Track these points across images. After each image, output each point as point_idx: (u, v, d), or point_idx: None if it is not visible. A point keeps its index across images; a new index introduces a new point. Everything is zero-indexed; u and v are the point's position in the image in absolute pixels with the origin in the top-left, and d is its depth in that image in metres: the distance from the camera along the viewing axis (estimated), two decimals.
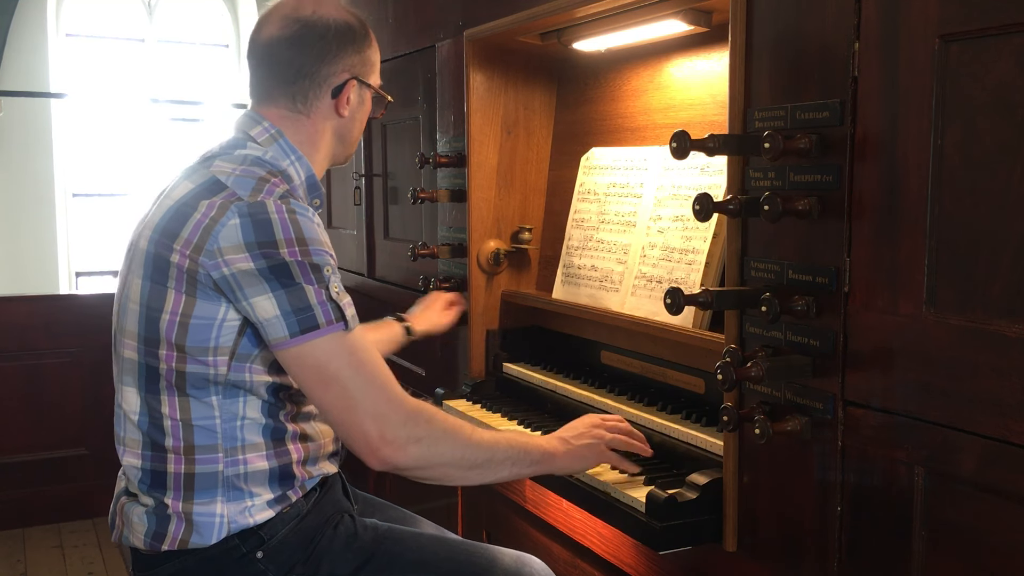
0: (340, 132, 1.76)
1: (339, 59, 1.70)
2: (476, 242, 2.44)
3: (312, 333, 1.47)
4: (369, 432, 1.49)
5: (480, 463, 1.59)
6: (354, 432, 1.50)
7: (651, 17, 1.90)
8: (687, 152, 1.40)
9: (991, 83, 1.13)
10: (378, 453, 1.50)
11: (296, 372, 1.51)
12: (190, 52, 9.27)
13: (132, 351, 1.58)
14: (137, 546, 1.61)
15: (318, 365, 1.48)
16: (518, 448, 1.64)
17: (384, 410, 1.50)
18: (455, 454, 1.56)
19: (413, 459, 1.52)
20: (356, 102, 1.75)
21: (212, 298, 1.50)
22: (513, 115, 2.46)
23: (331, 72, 1.70)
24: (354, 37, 1.71)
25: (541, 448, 1.67)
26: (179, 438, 1.56)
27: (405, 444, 1.50)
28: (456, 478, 1.61)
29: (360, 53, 1.73)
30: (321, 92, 1.70)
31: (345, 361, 1.49)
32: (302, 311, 1.47)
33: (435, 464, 1.55)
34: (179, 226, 1.51)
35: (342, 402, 1.49)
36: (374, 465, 1.51)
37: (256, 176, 1.55)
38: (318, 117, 1.71)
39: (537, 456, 1.66)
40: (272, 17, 1.70)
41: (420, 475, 1.57)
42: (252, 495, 1.58)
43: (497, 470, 1.61)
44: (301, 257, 1.48)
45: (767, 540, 1.50)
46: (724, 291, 1.47)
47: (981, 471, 1.16)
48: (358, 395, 1.49)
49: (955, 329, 1.18)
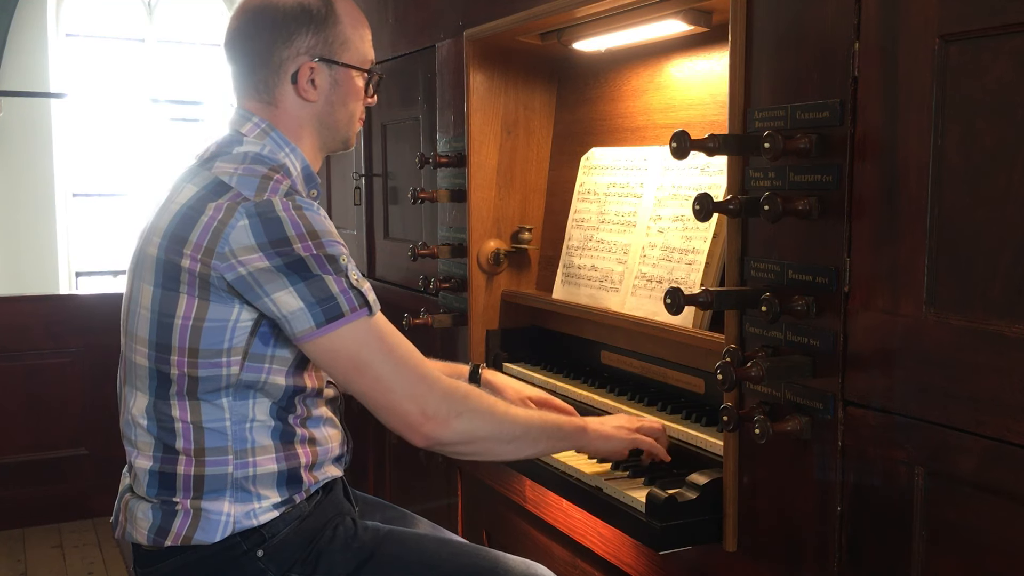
0: (321, 118, 1.70)
1: (292, 43, 1.64)
2: (476, 242, 2.44)
3: (338, 321, 1.48)
4: (409, 411, 1.51)
5: (518, 435, 1.62)
6: (395, 413, 1.52)
7: (651, 17, 1.90)
8: (687, 152, 1.40)
9: (991, 83, 1.13)
10: (421, 429, 1.52)
11: (327, 362, 1.52)
12: (190, 52, 9.26)
13: (143, 357, 1.58)
14: (140, 542, 1.62)
15: (349, 354, 1.50)
16: (551, 422, 1.68)
17: (421, 389, 1.52)
18: (494, 428, 1.59)
19: (457, 433, 1.55)
20: (327, 85, 1.68)
21: (225, 300, 1.51)
22: (513, 115, 2.46)
23: (285, 57, 1.65)
24: (310, 17, 1.65)
25: (573, 423, 1.72)
26: (190, 440, 1.57)
27: (447, 418, 1.53)
28: (496, 452, 1.64)
29: (320, 33, 1.66)
30: (280, 80, 1.66)
31: (376, 346, 1.51)
32: (325, 301, 1.48)
33: (477, 438, 1.58)
34: (188, 230, 1.51)
35: (379, 385, 1.51)
36: (418, 442, 1.54)
37: (259, 174, 1.55)
38: (288, 106, 1.67)
39: (569, 430, 1.70)
40: (234, 10, 1.70)
41: (463, 450, 1.60)
42: (260, 497, 1.59)
43: (534, 443, 1.65)
44: (316, 250, 1.49)
45: (767, 540, 1.50)
46: (724, 291, 1.47)
47: (981, 471, 1.16)
48: (393, 377, 1.51)
49: (955, 329, 1.18)
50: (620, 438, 1.72)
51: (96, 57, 8.86)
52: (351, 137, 1.78)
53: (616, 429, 1.73)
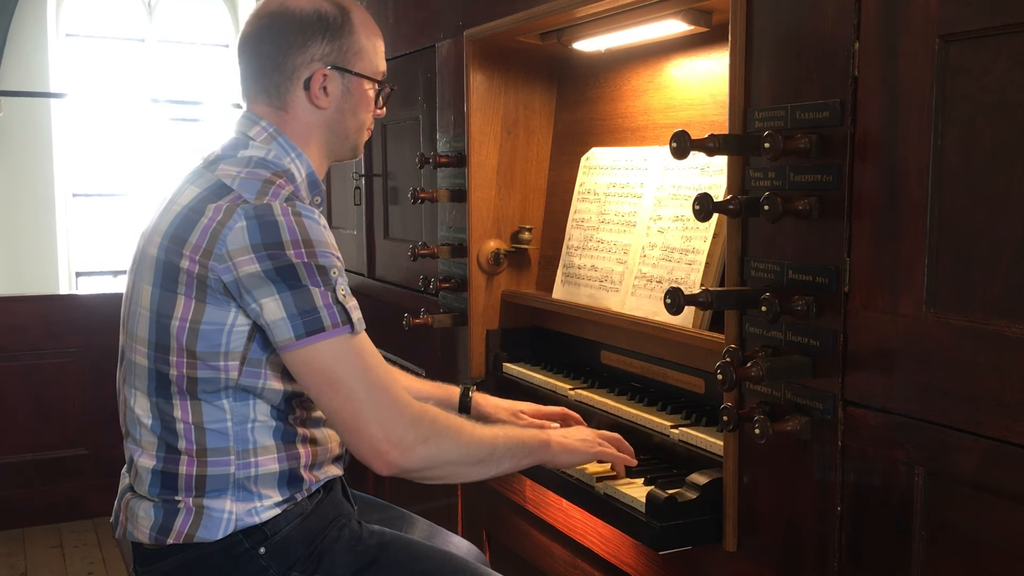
0: (331, 125, 1.71)
1: (307, 49, 1.65)
2: (476, 242, 2.44)
3: (318, 335, 1.47)
4: (375, 436, 1.49)
5: (483, 458, 1.61)
6: (361, 437, 1.50)
7: (651, 17, 1.90)
8: (687, 152, 1.40)
9: (991, 83, 1.13)
10: (386, 457, 1.50)
11: (302, 375, 1.51)
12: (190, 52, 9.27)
13: (143, 357, 1.58)
14: (141, 540, 1.62)
15: (324, 368, 1.49)
16: (515, 440, 1.67)
17: (389, 414, 1.50)
18: (459, 451, 1.58)
19: (421, 459, 1.53)
20: (339, 93, 1.69)
21: (222, 303, 1.51)
22: (513, 115, 2.46)
23: (299, 63, 1.65)
24: (326, 25, 1.66)
25: (537, 438, 1.71)
26: (192, 440, 1.57)
27: (412, 445, 1.51)
28: (461, 475, 1.63)
29: (336, 41, 1.67)
30: (292, 85, 1.67)
31: (352, 364, 1.50)
32: (308, 313, 1.47)
33: (442, 463, 1.56)
34: (187, 231, 1.51)
35: (349, 405, 1.49)
36: (381, 470, 1.51)
37: (261, 178, 1.55)
38: (298, 112, 1.68)
39: (533, 446, 1.69)
40: (250, 14, 1.71)
41: (428, 475, 1.57)
42: (261, 496, 1.59)
43: (499, 463, 1.63)
44: (307, 259, 1.48)
45: (767, 540, 1.50)
46: (724, 291, 1.47)
47: (981, 471, 1.16)
48: (363, 399, 1.49)
49: (955, 329, 1.18)
50: (584, 451, 1.73)
51: (96, 57, 8.86)
52: (359, 146, 1.79)
53: (580, 442, 1.73)
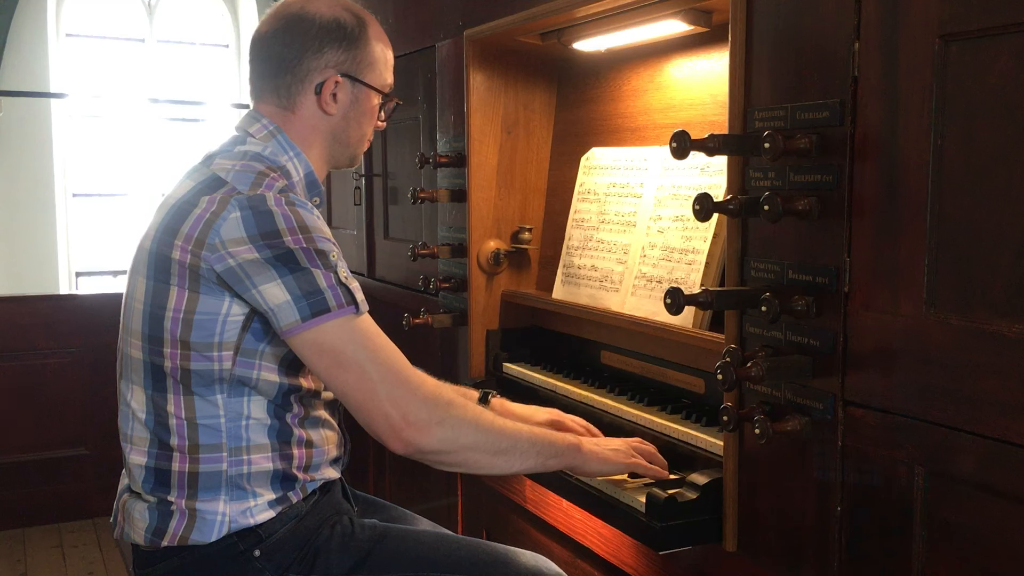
0: (335, 132, 1.73)
1: (323, 55, 1.67)
2: (476, 242, 2.44)
3: (323, 316, 1.47)
4: (390, 414, 1.48)
5: (505, 449, 1.57)
6: (375, 415, 1.49)
7: (651, 17, 1.90)
8: (687, 152, 1.40)
9: (991, 83, 1.13)
10: (401, 435, 1.49)
11: (310, 358, 1.51)
12: (190, 52, 9.28)
13: (138, 350, 1.59)
14: (137, 542, 1.62)
15: (333, 349, 1.49)
16: (543, 438, 1.62)
17: (404, 392, 1.49)
18: (478, 437, 1.55)
19: (438, 440, 1.51)
20: (348, 101, 1.71)
21: (215, 293, 1.51)
22: (513, 115, 2.46)
23: (313, 68, 1.67)
24: (344, 33, 1.68)
25: (567, 440, 1.65)
26: (184, 436, 1.57)
27: (428, 425, 1.49)
28: (483, 465, 1.58)
29: (351, 50, 1.69)
30: (303, 88, 1.68)
31: (361, 343, 1.50)
32: (312, 295, 1.47)
33: (459, 447, 1.54)
34: (180, 222, 1.52)
35: (361, 384, 1.49)
36: (397, 449, 1.50)
37: (255, 171, 1.56)
38: (305, 114, 1.70)
39: (562, 447, 1.63)
40: (267, 14, 1.72)
41: (445, 460, 1.55)
42: (255, 495, 1.59)
43: (524, 458, 1.59)
44: (305, 244, 1.49)
45: (767, 540, 1.50)
46: (724, 291, 1.47)
47: (981, 471, 1.16)
48: (376, 378, 1.49)
49: (955, 329, 1.18)
50: (616, 462, 1.67)
51: (96, 57, 8.87)
52: (357, 156, 1.81)
53: (613, 452, 1.68)
